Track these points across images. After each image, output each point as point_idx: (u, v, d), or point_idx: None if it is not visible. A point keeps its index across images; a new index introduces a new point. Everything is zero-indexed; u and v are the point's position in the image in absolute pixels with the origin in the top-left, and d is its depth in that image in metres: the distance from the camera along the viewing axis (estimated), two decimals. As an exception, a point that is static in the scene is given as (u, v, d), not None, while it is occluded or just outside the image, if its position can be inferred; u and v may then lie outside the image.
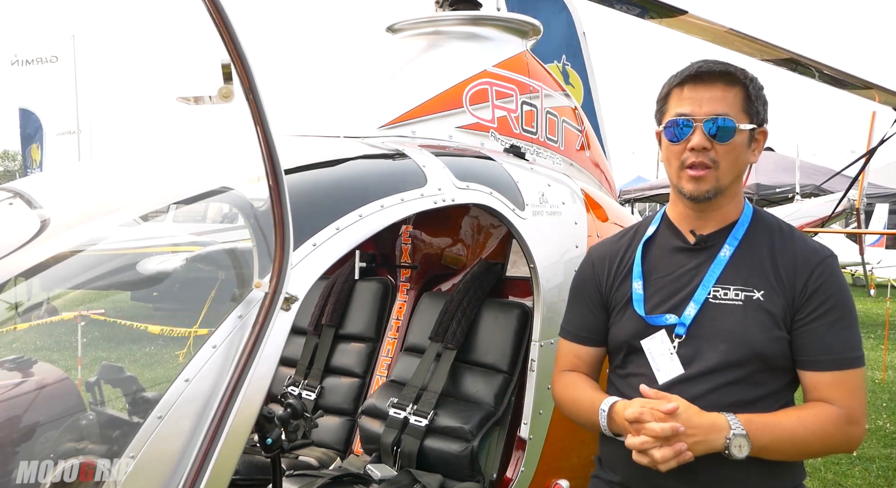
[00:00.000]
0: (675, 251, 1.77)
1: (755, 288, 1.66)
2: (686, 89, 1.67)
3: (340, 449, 3.08)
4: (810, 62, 3.59)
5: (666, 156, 1.73)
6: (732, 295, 1.66)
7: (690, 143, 1.64)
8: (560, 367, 1.95)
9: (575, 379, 1.90)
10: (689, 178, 1.67)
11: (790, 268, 1.67)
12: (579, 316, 1.93)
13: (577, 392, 1.85)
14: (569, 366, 1.93)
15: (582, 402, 1.81)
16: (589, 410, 1.77)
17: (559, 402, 1.94)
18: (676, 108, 1.68)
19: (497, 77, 2.98)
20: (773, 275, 1.67)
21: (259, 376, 1.58)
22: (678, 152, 1.67)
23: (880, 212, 17.62)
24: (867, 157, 8.01)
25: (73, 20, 13.01)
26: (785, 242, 1.72)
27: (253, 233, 1.80)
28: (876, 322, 11.94)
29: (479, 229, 3.28)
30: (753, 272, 1.68)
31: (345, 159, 2.30)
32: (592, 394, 1.80)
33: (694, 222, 1.76)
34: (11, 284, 1.67)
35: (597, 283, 1.89)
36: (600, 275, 1.89)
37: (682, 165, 1.67)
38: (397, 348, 3.21)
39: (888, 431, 6.19)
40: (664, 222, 1.85)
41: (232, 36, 1.42)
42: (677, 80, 1.69)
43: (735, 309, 1.66)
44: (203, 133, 2.51)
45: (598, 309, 1.89)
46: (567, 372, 1.93)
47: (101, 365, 1.93)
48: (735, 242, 1.71)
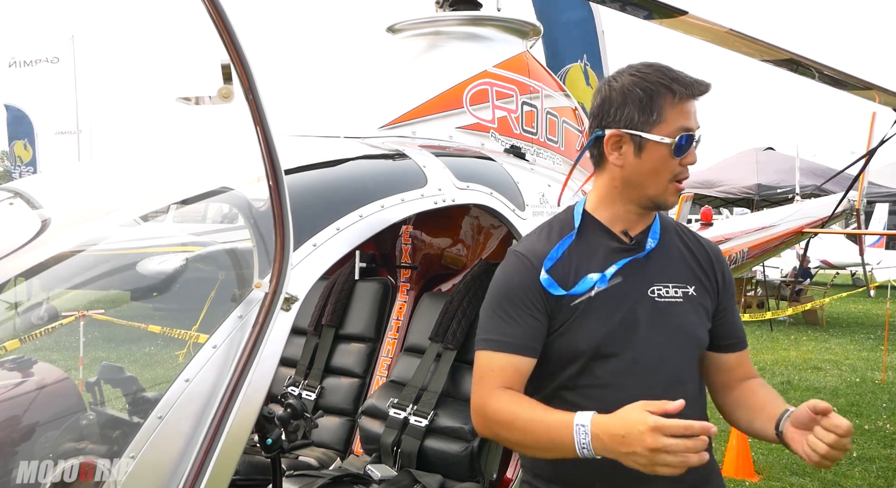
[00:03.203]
0: (614, 252, 1.70)
1: (686, 283, 1.71)
2: (687, 103, 1.63)
3: (340, 449, 3.08)
4: (810, 63, 3.59)
5: (656, 169, 1.63)
6: (672, 292, 1.69)
7: (689, 159, 1.65)
8: (492, 384, 1.62)
9: (520, 397, 1.61)
10: (675, 192, 1.67)
11: (707, 263, 1.76)
12: (523, 324, 1.64)
13: (532, 412, 1.55)
14: (506, 382, 1.62)
15: (543, 423, 1.51)
16: (553, 430, 1.48)
17: (500, 424, 1.58)
18: (682, 121, 1.62)
19: (497, 77, 2.98)
20: (697, 271, 1.74)
21: (259, 376, 1.58)
22: (674, 165, 1.64)
23: (880, 213, 17.63)
24: (867, 158, 8.02)
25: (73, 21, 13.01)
26: (688, 238, 1.80)
27: (253, 233, 1.80)
28: (876, 323, 11.94)
29: (479, 229, 3.28)
30: (681, 269, 1.73)
31: (345, 159, 2.30)
32: (553, 413, 1.52)
33: (628, 224, 1.72)
34: (11, 284, 1.67)
35: (540, 287, 1.65)
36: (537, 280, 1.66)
37: (674, 179, 1.65)
38: (397, 348, 3.21)
39: (888, 431, 6.19)
40: (589, 221, 1.73)
41: (232, 36, 1.42)
42: (682, 91, 1.61)
43: (675, 305, 1.69)
44: (203, 133, 2.51)
45: (543, 316, 1.65)
46: (504, 389, 1.61)
47: (101, 365, 1.93)
48: (654, 242, 1.72)
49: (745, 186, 14.89)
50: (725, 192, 15.27)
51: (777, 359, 9.14)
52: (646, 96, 1.61)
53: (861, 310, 14.04)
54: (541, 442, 1.51)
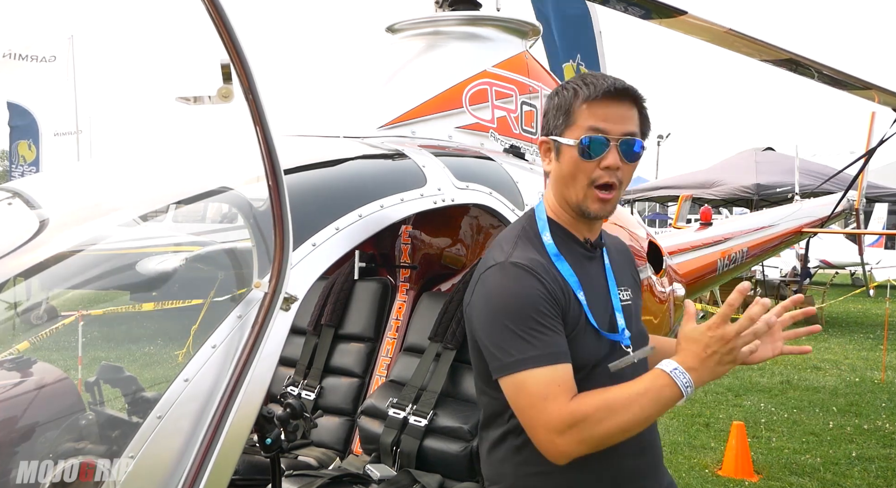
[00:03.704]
0: (584, 259, 1.71)
1: (629, 286, 1.81)
2: (600, 105, 1.60)
3: (340, 449, 3.08)
4: (810, 62, 3.59)
5: (572, 172, 1.62)
6: (626, 295, 1.78)
7: (606, 162, 1.60)
8: (562, 397, 1.49)
9: (594, 391, 1.51)
10: (597, 199, 1.63)
11: (631, 264, 1.89)
12: (552, 333, 1.54)
13: (620, 390, 1.49)
14: (571, 392, 1.51)
15: (639, 393, 1.46)
16: (653, 392, 1.45)
17: (601, 419, 1.47)
18: (590, 122, 1.60)
19: (497, 77, 2.99)
20: (633, 273, 1.87)
21: (258, 376, 1.58)
22: (589, 169, 1.61)
23: (879, 213, 17.64)
24: (866, 158, 8.02)
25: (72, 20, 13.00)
26: (616, 242, 1.90)
27: (252, 233, 1.80)
28: (875, 322, 11.95)
29: (478, 229, 3.28)
30: (624, 272, 1.81)
31: (344, 159, 2.30)
32: (637, 383, 1.49)
33: (587, 231, 1.74)
34: (11, 284, 1.67)
35: (555, 299, 1.58)
36: (555, 291, 1.59)
37: (592, 183, 1.62)
38: (397, 348, 3.21)
39: (887, 431, 6.19)
40: (556, 229, 1.72)
41: (232, 36, 1.42)
42: (591, 93, 1.60)
43: (632, 307, 1.78)
44: (203, 133, 2.51)
45: (561, 325, 1.58)
46: (571, 396, 1.50)
47: (100, 365, 1.93)
48: (604, 247, 1.78)
49: (744, 186, 14.90)
50: (725, 192, 15.28)
51: (776, 358, 9.14)
52: (561, 101, 1.66)
53: (860, 309, 14.06)
54: (647, 409, 1.46)
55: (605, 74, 1.68)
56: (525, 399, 1.51)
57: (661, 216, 25.81)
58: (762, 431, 6.18)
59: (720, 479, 5.08)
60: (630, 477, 1.68)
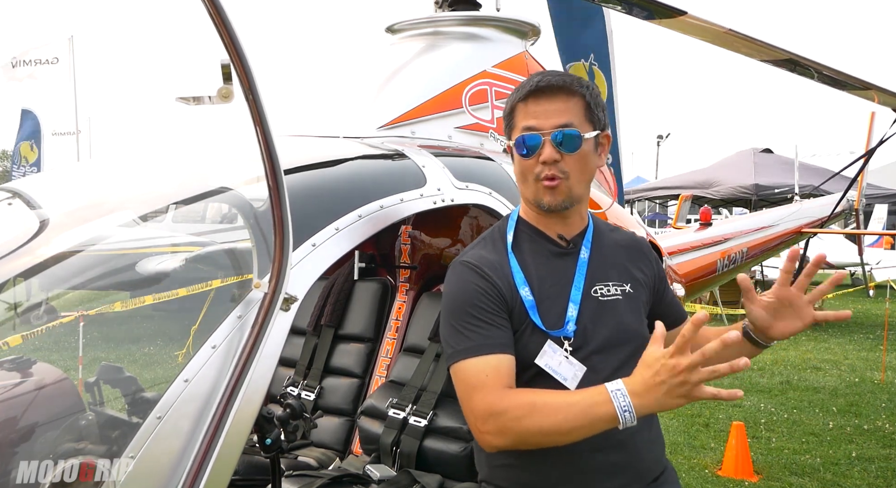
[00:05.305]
0: (553, 257, 1.75)
1: (624, 282, 1.79)
2: (530, 104, 1.68)
3: (340, 449, 3.08)
4: (809, 63, 3.59)
5: (520, 171, 1.72)
6: (613, 290, 1.76)
7: (542, 157, 1.66)
8: (494, 385, 1.54)
9: (531, 389, 1.57)
10: (546, 189, 1.68)
11: (640, 257, 1.86)
12: (496, 327, 1.61)
13: (555, 396, 1.51)
14: (505, 382, 1.56)
15: (573, 402, 1.47)
16: (588, 406, 1.45)
17: (524, 416, 1.49)
18: (523, 121, 1.69)
19: (496, 77, 2.99)
20: (633, 269, 1.82)
21: (258, 376, 1.58)
22: (531, 166, 1.69)
23: (879, 213, 17.64)
24: (866, 158, 8.02)
25: (72, 21, 12.94)
26: (619, 237, 1.89)
27: (252, 233, 1.80)
28: (875, 323, 11.95)
29: (478, 229, 3.28)
30: (617, 268, 1.80)
31: (344, 159, 2.30)
32: (578, 392, 1.52)
33: (560, 228, 1.77)
34: (11, 284, 1.67)
35: (499, 294, 1.65)
36: (500, 287, 1.66)
37: (537, 178, 1.69)
38: (396, 348, 3.21)
39: (887, 431, 6.19)
40: (524, 228, 1.79)
41: (232, 36, 1.42)
42: (520, 95, 1.70)
43: (616, 303, 1.76)
44: (203, 133, 2.51)
45: (507, 321, 1.64)
46: (509, 387, 1.56)
47: (100, 365, 1.93)
48: (590, 243, 1.79)
49: (743, 186, 14.91)
50: (724, 193, 15.29)
51: (776, 358, 9.15)
52: (506, 107, 1.76)
53: (860, 309, 14.04)
54: (573, 421, 1.45)
55: (549, 71, 1.75)
56: (460, 387, 1.61)
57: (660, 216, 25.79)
58: (762, 431, 6.19)
59: (720, 479, 5.08)
60: (602, 473, 1.67)
